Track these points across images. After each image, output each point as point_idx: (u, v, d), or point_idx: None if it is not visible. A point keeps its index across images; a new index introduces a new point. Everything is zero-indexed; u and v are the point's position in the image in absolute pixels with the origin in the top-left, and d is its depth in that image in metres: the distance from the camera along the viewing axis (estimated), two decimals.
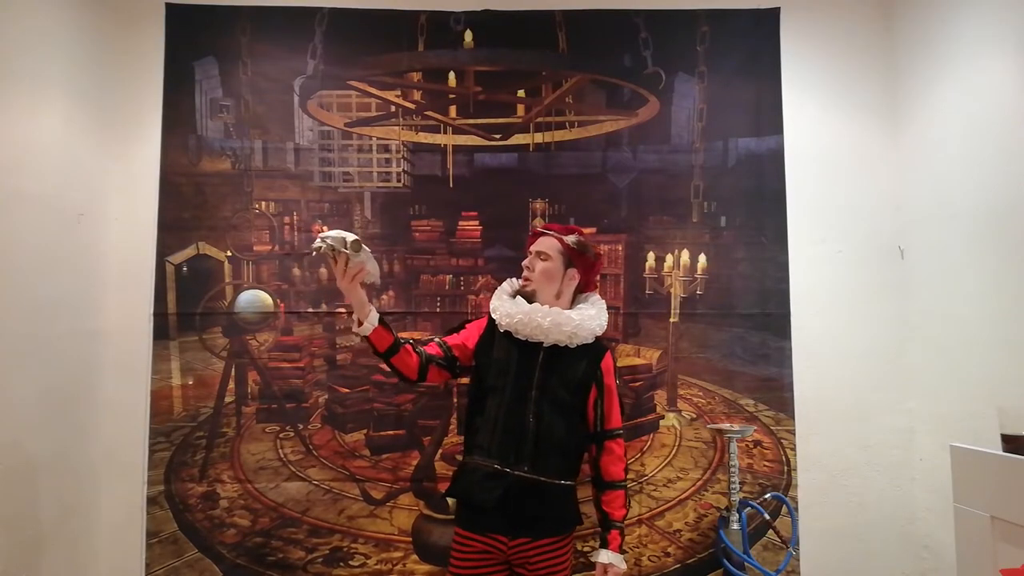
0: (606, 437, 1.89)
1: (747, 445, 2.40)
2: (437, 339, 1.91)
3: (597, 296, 1.99)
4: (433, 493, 2.37)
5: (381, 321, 1.75)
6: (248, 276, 2.46)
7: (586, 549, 2.33)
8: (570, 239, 1.90)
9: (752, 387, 2.44)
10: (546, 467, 1.77)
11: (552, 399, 1.80)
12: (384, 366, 1.86)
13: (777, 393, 2.43)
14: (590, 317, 1.87)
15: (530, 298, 1.88)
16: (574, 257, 1.90)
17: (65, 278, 2.19)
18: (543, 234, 1.93)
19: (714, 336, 2.45)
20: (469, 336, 1.91)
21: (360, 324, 1.74)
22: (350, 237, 1.68)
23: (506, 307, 1.85)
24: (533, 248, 1.92)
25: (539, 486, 1.75)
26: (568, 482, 1.83)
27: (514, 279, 2.00)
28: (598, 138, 2.51)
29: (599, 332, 1.89)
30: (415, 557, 2.34)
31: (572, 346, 1.84)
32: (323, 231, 2.47)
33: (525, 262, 1.93)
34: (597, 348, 1.90)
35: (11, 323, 1.93)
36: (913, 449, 2.41)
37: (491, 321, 1.91)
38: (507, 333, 1.85)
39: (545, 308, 1.83)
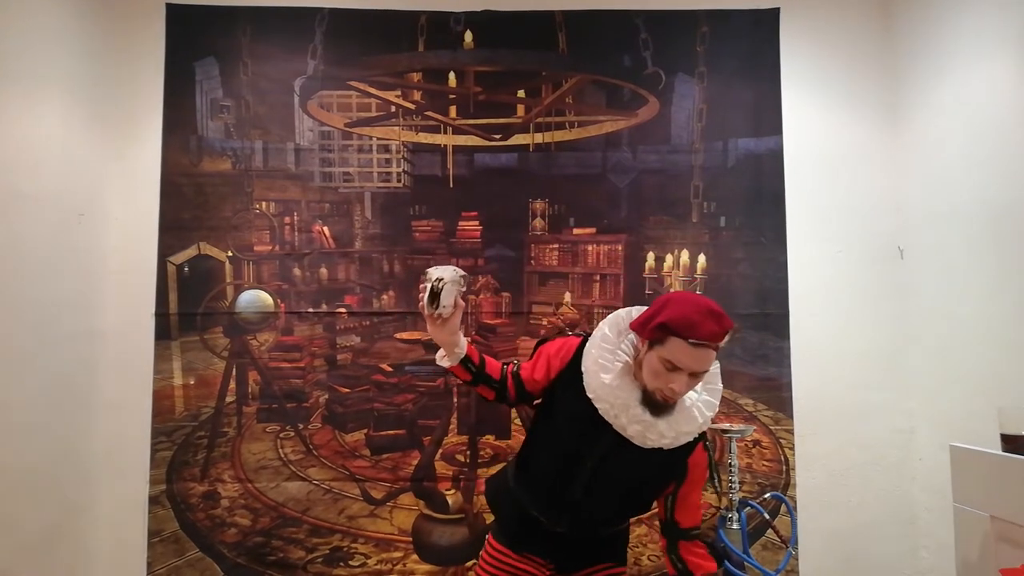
0: (680, 536, 1.54)
1: (746, 445, 2.40)
2: (515, 368, 1.57)
3: (715, 368, 1.47)
4: (433, 493, 2.38)
5: (466, 363, 1.51)
6: (249, 276, 2.46)
7: None
8: (724, 342, 1.40)
9: (751, 387, 2.44)
10: (589, 530, 1.57)
11: (610, 479, 1.49)
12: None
13: (776, 393, 2.43)
14: (694, 424, 1.44)
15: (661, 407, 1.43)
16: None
17: (66, 278, 2.19)
18: (699, 346, 1.35)
19: None
20: (548, 369, 1.54)
21: (443, 356, 1.52)
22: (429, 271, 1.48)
23: (596, 383, 1.44)
24: (688, 366, 1.36)
25: (580, 536, 1.58)
26: (611, 529, 1.63)
27: (622, 315, 1.51)
28: (598, 138, 2.51)
29: (696, 434, 1.47)
30: (415, 557, 2.35)
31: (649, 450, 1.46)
32: (324, 231, 2.51)
33: (674, 384, 1.37)
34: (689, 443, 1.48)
35: (12, 323, 1.94)
36: (913, 449, 2.41)
37: (576, 361, 1.50)
38: None
39: (638, 412, 1.41)
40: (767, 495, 2.33)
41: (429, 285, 1.44)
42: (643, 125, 2.51)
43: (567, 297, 2.48)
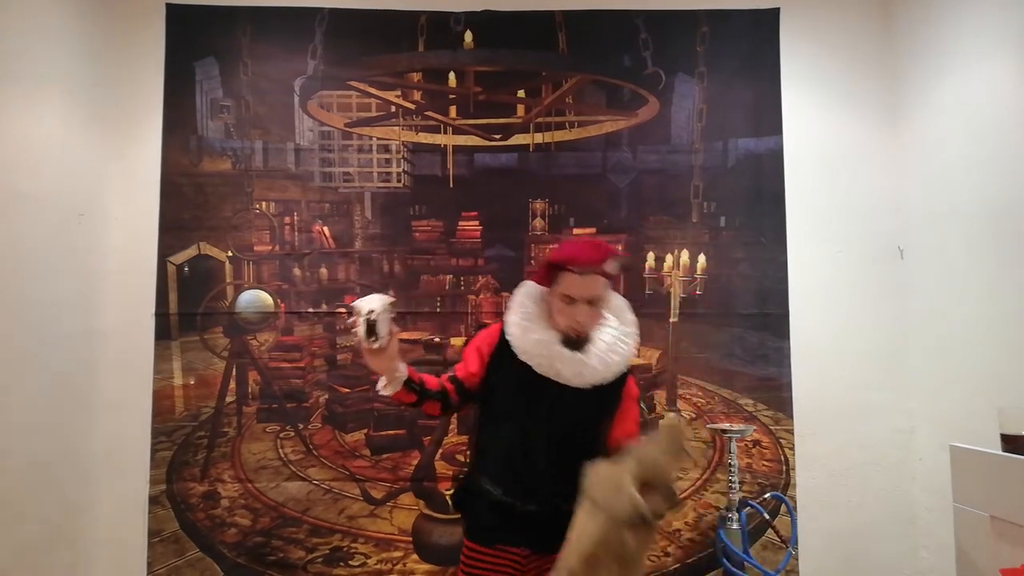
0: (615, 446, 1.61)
1: (746, 445, 2.40)
2: (450, 376, 1.64)
3: (621, 303, 1.67)
4: (433, 493, 2.38)
5: (409, 384, 1.55)
6: (249, 276, 2.46)
7: None
8: (612, 268, 1.55)
9: (751, 387, 2.44)
10: (557, 499, 1.56)
11: (568, 434, 1.59)
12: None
13: (776, 393, 2.43)
14: (620, 354, 1.59)
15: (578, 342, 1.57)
16: (612, 280, 1.61)
17: (67, 278, 2.19)
18: (592, 274, 1.52)
19: (713, 336, 2.45)
20: (478, 360, 1.65)
21: (386, 384, 1.56)
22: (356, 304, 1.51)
23: (524, 343, 1.57)
24: (580, 294, 1.52)
25: (551, 513, 1.60)
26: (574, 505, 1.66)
27: (528, 282, 1.67)
28: (598, 138, 2.51)
29: (627, 365, 1.61)
30: (415, 557, 2.35)
31: (590, 390, 1.57)
32: (324, 231, 2.51)
33: (574, 315, 1.53)
34: (620, 377, 1.62)
35: (12, 323, 1.94)
36: (913, 449, 2.40)
37: (504, 336, 1.63)
38: None
39: (567, 354, 1.54)
40: (767, 495, 2.33)
41: (362, 319, 1.47)
42: (643, 125, 2.51)
43: None
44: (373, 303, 1.48)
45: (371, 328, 1.47)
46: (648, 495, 1.30)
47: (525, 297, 1.65)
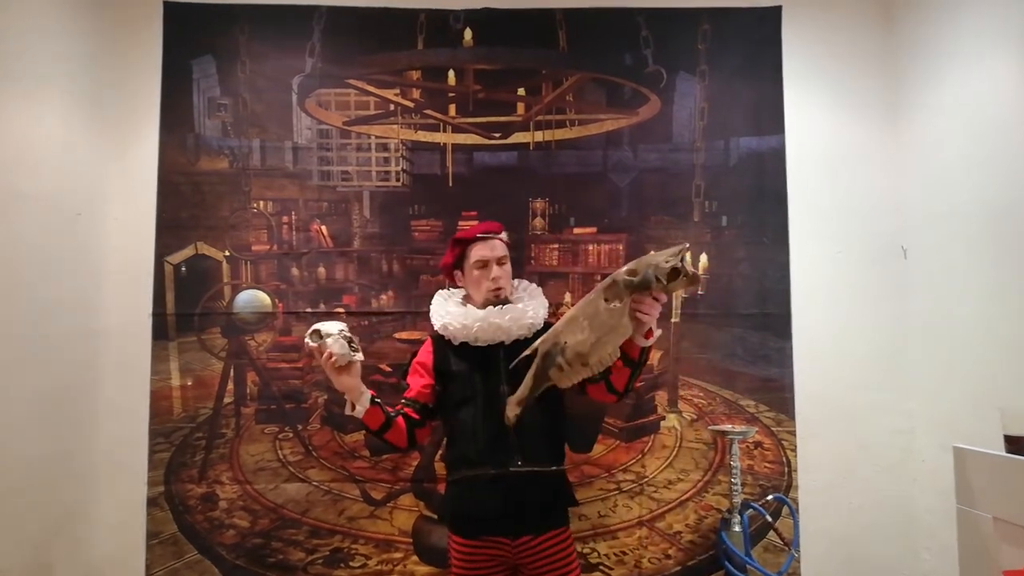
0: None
1: (748, 446, 2.39)
2: (404, 400, 1.82)
3: (516, 281, 1.97)
4: (433, 494, 2.37)
5: (374, 401, 1.70)
6: (246, 276, 2.45)
7: (586, 551, 2.33)
8: (506, 236, 1.91)
9: (753, 388, 2.43)
10: (536, 455, 1.73)
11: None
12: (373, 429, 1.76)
13: (778, 394, 2.43)
14: (539, 303, 1.87)
15: (503, 304, 1.83)
16: (509, 248, 1.92)
17: (64, 278, 2.18)
18: (485, 239, 1.86)
19: (715, 336, 2.44)
20: (424, 372, 1.85)
21: (353, 407, 1.70)
22: (321, 327, 1.66)
23: (458, 320, 1.79)
24: (488, 256, 1.83)
25: (534, 478, 1.72)
26: (559, 467, 1.81)
27: (445, 291, 1.95)
28: (599, 137, 2.50)
29: (547, 315, 1.88)
30: (415, 558, 2.34)
31: (530, 336, 1.78)
32: (322, 230, 2.49)
33: (492, 274, 1.82)
34: (547, 328, 1.78)
35: (10, 323, 1.92)
36: (914, 450, 2.40)
37: (437, 339, 1.86)
38: (461, 344, 1.80)
39: (497, 308, 1.79)
40: (769, 497, 2.32)
41: (335, 339, 1.62)
42: (644, 124, 2.50)
43: (567, 297, 2.47)
44: (340, 324, 1.67)
45: (350, 343, 1.64)
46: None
47: (439, 300, 1.90)
